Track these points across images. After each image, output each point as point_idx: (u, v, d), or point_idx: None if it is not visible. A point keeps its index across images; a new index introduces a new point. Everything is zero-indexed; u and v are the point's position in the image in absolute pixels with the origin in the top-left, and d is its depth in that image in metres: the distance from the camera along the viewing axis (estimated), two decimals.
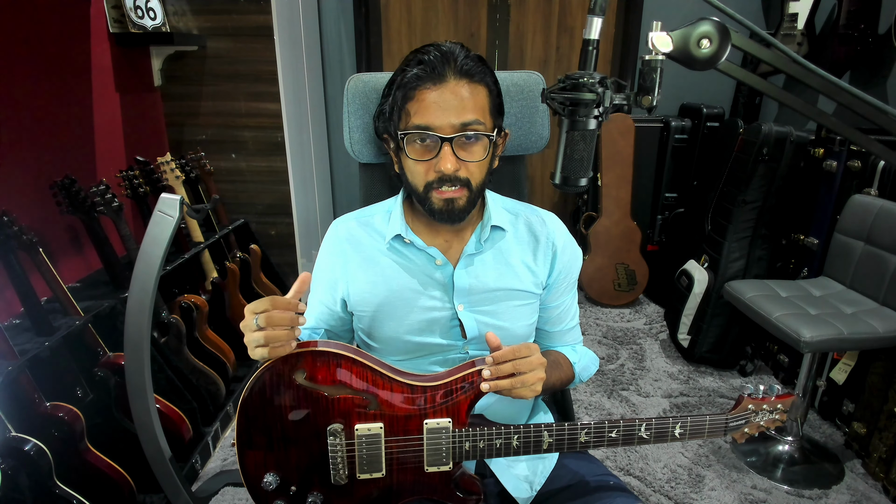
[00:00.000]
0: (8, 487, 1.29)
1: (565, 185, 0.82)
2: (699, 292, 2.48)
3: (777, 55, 0.71)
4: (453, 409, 0.88)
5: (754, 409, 0.96)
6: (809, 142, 2.28)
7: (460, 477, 0.91)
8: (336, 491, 0.89)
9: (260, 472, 0.87)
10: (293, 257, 2.88)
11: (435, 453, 0.88)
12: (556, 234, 1.04)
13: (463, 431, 0.88)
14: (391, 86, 0.95)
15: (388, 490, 0.90)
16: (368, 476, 0.89)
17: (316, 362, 0.86)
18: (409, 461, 0.89)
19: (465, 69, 0.89)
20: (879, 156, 0.75)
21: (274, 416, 0.86)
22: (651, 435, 0.92)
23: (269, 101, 2.59)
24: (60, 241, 1.92)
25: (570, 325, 1.10)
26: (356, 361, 0.87)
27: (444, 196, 0.91)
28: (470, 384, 0.88)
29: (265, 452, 0.87)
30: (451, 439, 0.88)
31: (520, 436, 0.89)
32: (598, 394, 2.34)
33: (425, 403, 0.88)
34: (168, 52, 2.48)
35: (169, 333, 1.94)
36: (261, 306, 0.80)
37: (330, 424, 0.87)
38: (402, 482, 0.90)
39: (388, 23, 3.22)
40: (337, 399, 0.86)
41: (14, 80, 1.74)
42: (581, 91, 0.77)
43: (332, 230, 1.04)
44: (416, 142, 0.90)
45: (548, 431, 0.89)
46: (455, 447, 0.88)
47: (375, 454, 0.88)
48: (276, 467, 0.88)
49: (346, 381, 0.87)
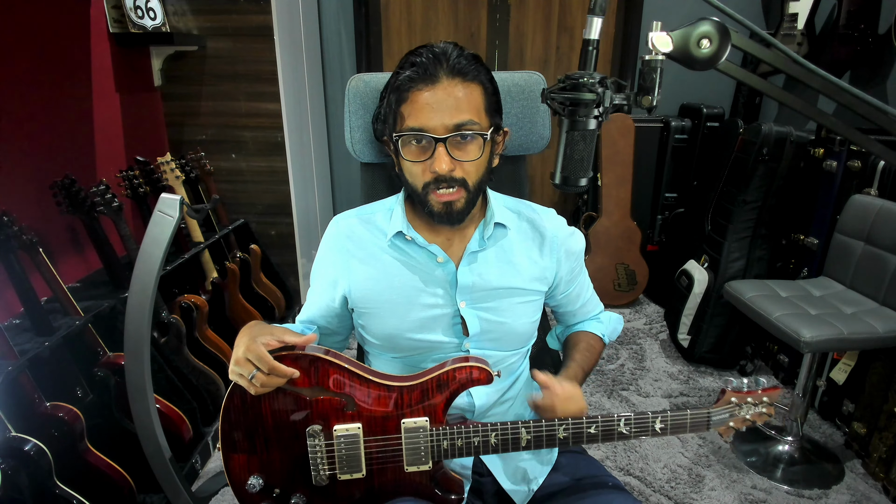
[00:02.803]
0: (8, 487, 1.29)
1: (565, 185, 0.82)
2: (699, 292, 2.48)
3: (777, 55, 0.71)
4: (430, 409, 0.89)
5: (738, 403, 0.96)
6: (809, 142, 2.28)
7: (441, 476, 0.92)
8: (318, 492, 0.90)
9: (244, 475, 0.89)
10: (293, 257, 2.88)
11: (414, 452, 0.89)
12: (558, 228, 1.06)
13: (441, 430, 0.89)
14: (387, 89, 0.96)
15: (369, 491, 0.91)
16: (349, 476, 0.89)
17: (294, 366, 0.87)
18: (388, 461, 0.90)
19: (458, 68, 0.89)
20: (879, 156, 0.75)
21: (255, 419, 0.88)
22: (631, 431, 0.92)
23: (269, 101, 2.59)
24: (60, 241, 1.92)
25: (587, 297, 1.14)
26: (333, 364, 0.89)
27: (443, 199, 0.91)
28: (445, 383, 0.89)
29: (248, 455, 0.89)
30: (428, 438, 0.89)
31: (497, 433, 0.89)
32: (598, 394, 2.34)
33: (402, 403, 0.89)
34: (168, 52, 2.48)
35: (169, 333, 1.94)
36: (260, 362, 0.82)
37: (309, 426, 0.88)
38: (383, 482, 0.91)
39: (388, 23, 3.22)
40: (315, 401, 0.88)
41: (14, 80, 1.74)
42: (581, 91, 0.77)
43: (333, 226, 1.04)
44: (411, 143, 0.91)
45: (525, 428, 0.89)
46: (433, 446, 0.89)
47: (355, 454, 0.88)
48: (260, 470, 0.89)
49: (323, 384, 0.88)
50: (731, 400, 0.96)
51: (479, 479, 1.03)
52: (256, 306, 2.50)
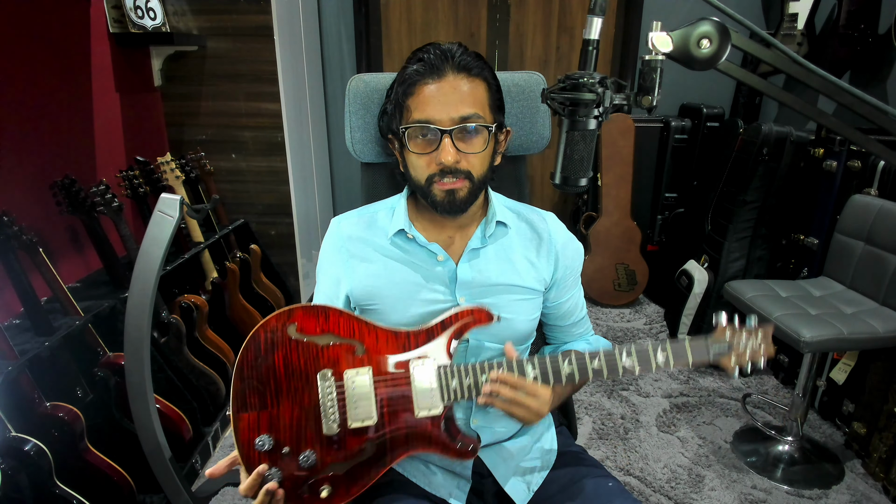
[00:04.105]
0: (8, 487, 1.29)
1: (565, 185, 0.82)
2: (699, 292, 2.48)
3: (777, 55, 0.71)
4: (437, 350, 0.91)
5: (734, 335, 0.94)
6: (809, 142, 2.28)
7: (453, 429, 0.92)
8: (329, 445, 0.89)
9: (253, 435, 0.88)
10: (293, 257, 2.88)
11: (424, 394, 0.90)
12: (556, 232, 1.06)
13: (448, 369, 0.90)
14: (393, 85, 0.97)
15: (381, 443, 0.90)
16: (360, 424, 0.89)
17: (306, 315, 0.90)
18: (399, 405, 0.90)
19: (463, 64, 0.92)
20: (879, 156, 0.75)
21: (268, 372, 0.89)
22: (634, 363, 0.92)
23: (269, 101, 2.59)
24: (60, 241, 1.92)
25: (579, 317, 1.13)
26: (342, 312, 0.92)
27: (446, 187, 0.93)
28: (449, 324, 0.92)
29: (258, 413, 0.89)
30: (436, 377, 0.90)
31: (504, 370, 0.90)
32: (598, 394, 2.34)
33: (410, 345, 0.92)
34: (168, 52, 2.48)
35: (169, 333, 1.94)
36: None
37: (320, 371, 0.89)
38: (395, 432, 0.90)
39: (388, 23, 3.22)
40: (326, 346, 0.90)
41: (14, 80, 1.74)
42: (581, 91, 0.77)
43: (335, 227, 1.05)
44: (417, 136, 0.92)
45: (530, 364, 0.90)
46: (442, 385, 0.90)
47: (366, 398, 0.89)
48: (270, 428, 0.89)
49: (333, 330, 0.91)
50: (727, 333, 0.95)
51: (480, 479, 1.03)
52: (256, 306, 2.50)
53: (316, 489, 0.89)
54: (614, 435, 2.10)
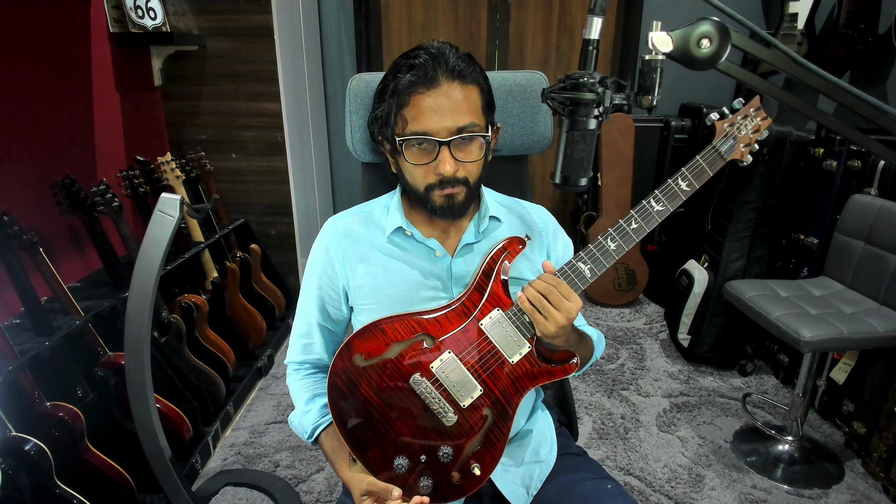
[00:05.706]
0: (8, 487, 1.29)
1: (565, 184, 0.82)
2: (699, 292, 2.48)
3: (777, 55, 0.71)
4: (494, 299, 0.92)
5: (731, 124, 0.97)
6: (809, 142, 2.28)
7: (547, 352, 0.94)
8: (457, 433, 0.92)
9: (388, 466, 0.91)
10: (293, 257, 2.88)
11: (507, 342, 0.91)
12: (546, 223, 1.08)
13: (514, 311, 0.92)
14: (384, 92, 0.96)
15: (496, 402, 0.92)
16: (471, 400, 0.91)
17: (363, 340, 0.91)
18: (492, 364, 0.92)
19: (457, 70, 0.91)
20: (879, 156, 0.75)
21: (364, 407, 0.90)
22: (664, 204, 0.94)
23: (269, 101, 2.59)
24: (60, 241, 1.93)
25: None
26: (392, 318, 0.92)
27: (445, 193, 0.93)
28: (490, 270, 0.93)
29: (379, 445, 0.91)
30: (510, 322, 0.91)
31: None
32: (598, 393, 2.34)
33: (468, 310, 0.92)
34: (168, 51, 2.48)
35: (169, 333, 1.94)
36: None
37: (410, 378, 0.90)
38: (504, 389, 0.92)
39: (388, 23, 3.22)
40: (399, 355, 0.91)
41: (14, 80, 1.74)
42: (581, 91, 0.77)
43: (330, 226, 1.04)
44: (414, 147, 0.92)
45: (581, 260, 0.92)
46: (519, 326, 0.92)
47: (462, 376, 0.91)
48: (396, 450, 0.91)
49: (395, 338, 0.91)
50: (725, 127, 0.96)
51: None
52: (256, 306, 2.50)
53: (468, 472, 0.92)
54: (614, 435, 2.10)
